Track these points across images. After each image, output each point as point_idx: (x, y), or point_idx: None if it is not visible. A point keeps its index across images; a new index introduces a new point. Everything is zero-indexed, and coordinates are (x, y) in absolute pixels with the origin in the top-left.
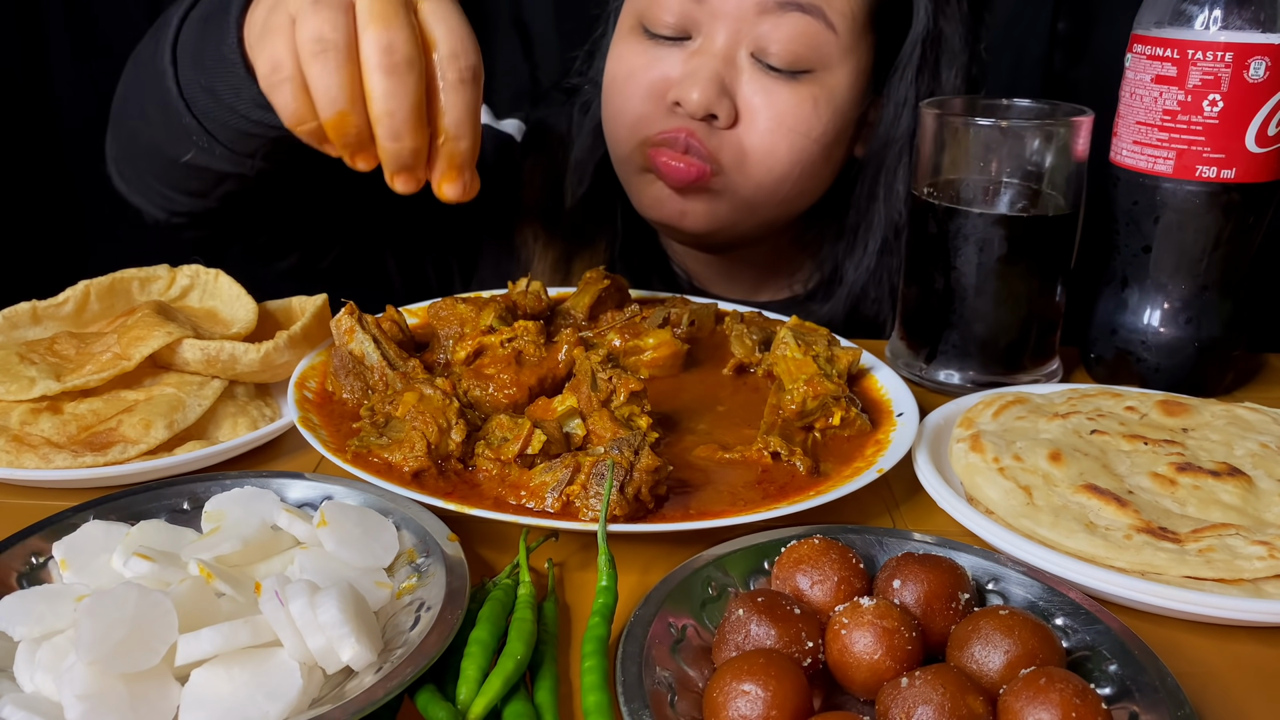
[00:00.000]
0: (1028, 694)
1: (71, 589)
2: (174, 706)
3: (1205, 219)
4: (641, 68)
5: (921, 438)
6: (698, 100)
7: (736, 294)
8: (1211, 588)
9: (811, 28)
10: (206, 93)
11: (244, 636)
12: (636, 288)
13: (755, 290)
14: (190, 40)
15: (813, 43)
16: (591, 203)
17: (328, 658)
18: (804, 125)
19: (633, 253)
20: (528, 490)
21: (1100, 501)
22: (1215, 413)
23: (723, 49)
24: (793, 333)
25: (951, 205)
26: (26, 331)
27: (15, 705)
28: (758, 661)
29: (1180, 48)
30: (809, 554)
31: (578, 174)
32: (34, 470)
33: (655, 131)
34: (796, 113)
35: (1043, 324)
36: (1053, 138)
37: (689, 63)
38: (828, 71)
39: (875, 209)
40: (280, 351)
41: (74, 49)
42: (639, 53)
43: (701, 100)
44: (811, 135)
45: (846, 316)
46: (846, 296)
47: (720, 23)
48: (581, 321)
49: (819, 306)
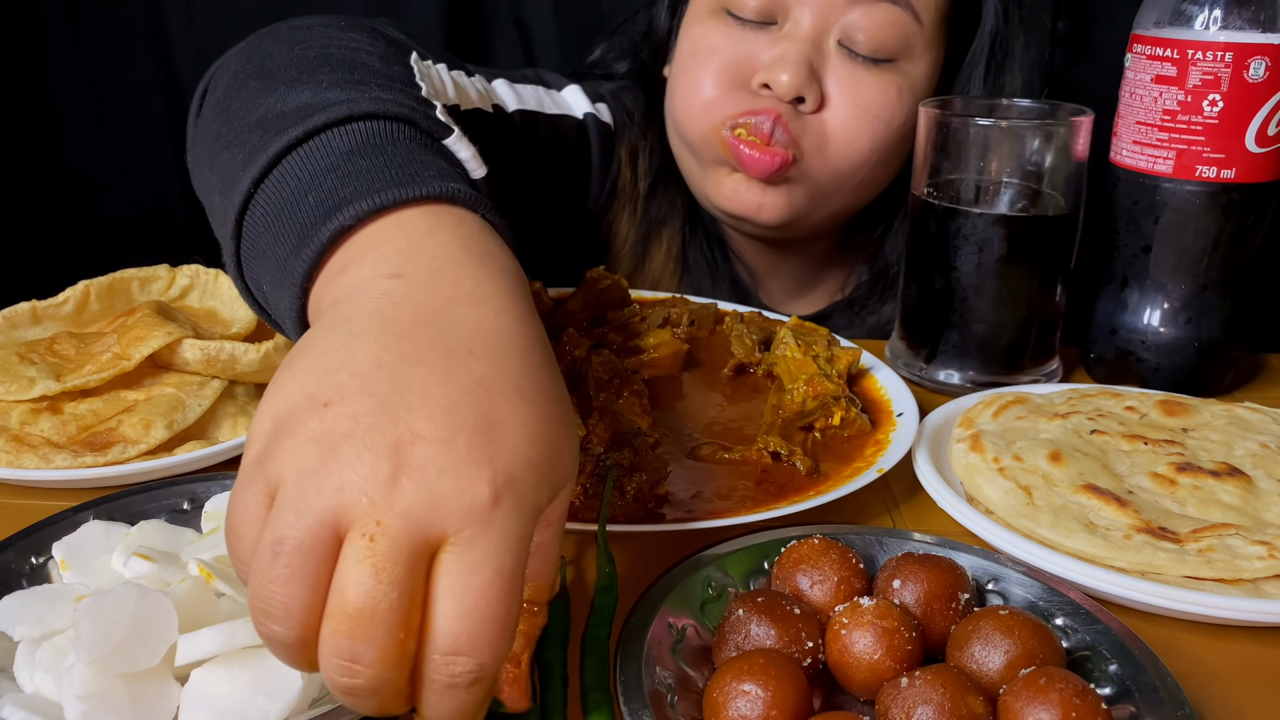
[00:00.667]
0: (1028, 694)
1: (71, 589)
2: (174, 706)
3: (1205, 219)
4: (725, 47)
5: (921, 438)
6: (789, 82)
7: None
8: (1211, 588)
9: (900, 18)
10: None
11: (244, 636)
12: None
13: (808, 285)
14: (251, 250)
15: (900, 33)
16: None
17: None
18: (887, 113)
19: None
20: None
21: (1100, 501)
22: (1215, 413)
23: (811, 34)
24: (792, 333)
25: (951, 205)
26: (26, 331)
27: (15, 705)
28: (758, 661)
29: (1180, 48)
30: (809, 554)
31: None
32: (34, 470)
33: (738, 111)
34: (881, 99)
35: (1043, 324)
36: (1053, 138)
37: (777, 46)
38: (910, 62)
39: None
40: (280, 351)
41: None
42: (721, 33)
43: (793, 82)
44: (894, 124)
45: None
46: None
47: (808, 8)
48: (582, 321)
49: (877, 305)
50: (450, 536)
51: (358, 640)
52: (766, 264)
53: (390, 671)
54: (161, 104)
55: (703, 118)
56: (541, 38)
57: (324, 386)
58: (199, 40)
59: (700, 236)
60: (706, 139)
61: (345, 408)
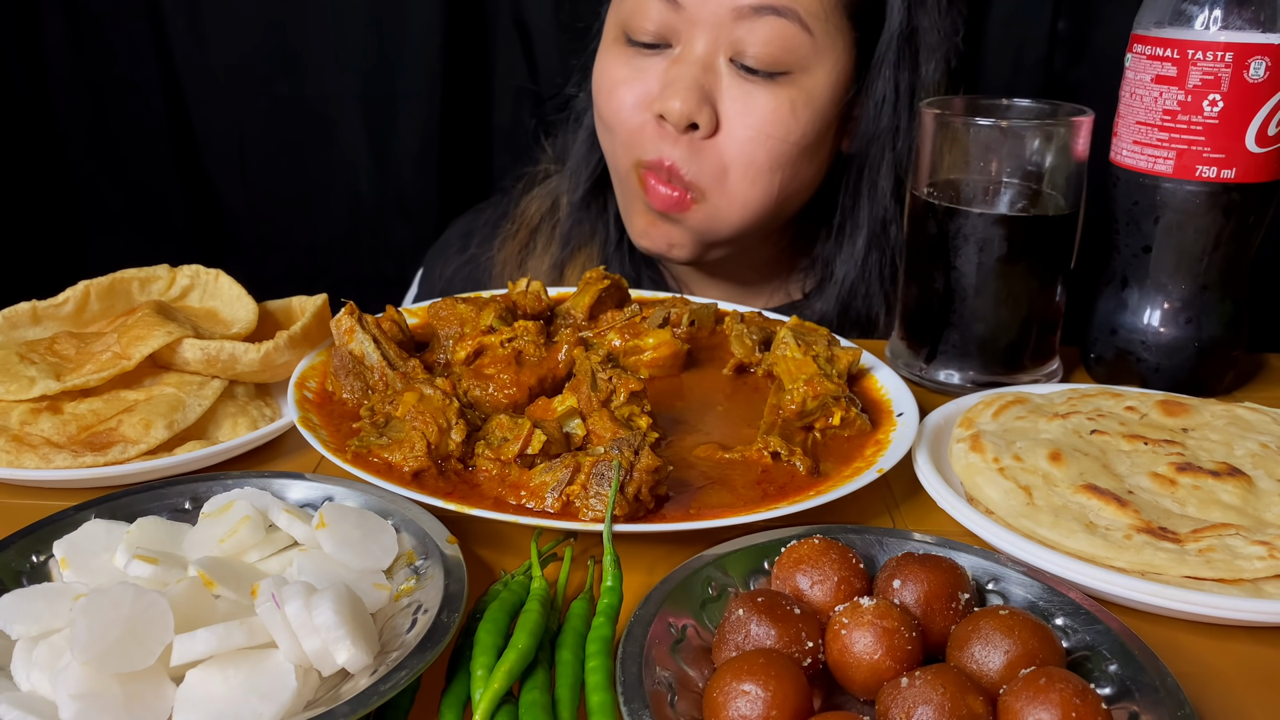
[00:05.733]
0: (1028, 694)
1: (70, 588)
2: (169, 707)
3: (1205, 219)
4: (625, 80)
5: (921, 438)
6: (679, 109)
7: (730, 296)
8: (1211, 588)
9: (787, 30)
10: None
11: (239, 638)
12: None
13: (751, 295)
14: None
15: (789, 44)
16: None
17: (323, 660)
18: (782, 130)
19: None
20: (528, 490)
21: (1100, 501)
22: (1215, 413)
23: (702, 55)
24: (793, 333)
25: (951, 205)
26: (26, 331)
27: (10, 704)
28: (758, 661)
29: (1180, 48)
30: (809, 554)
31: (573, 181)
32: (34, 470)
33: (646, 156)
34: (774, 118)
35: (1043, 324)
36: (1053, 138)
37: (669, 72)
38: (805, 73)
39: (861, 204)
40: (280, 351)
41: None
42: (622, 63)
43: (683, 109)
44: (790, 139)
45: (839, 314)
46: (838, 294)
47: (698, 29)
48: (581, 321)
49: (813, 304)
50: None
51: None
52: (696, 274)
53: None
54: (161, 104)
55: (623, 155)
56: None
57: None
58: (199, 40)
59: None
60: (627, 174)
61: None
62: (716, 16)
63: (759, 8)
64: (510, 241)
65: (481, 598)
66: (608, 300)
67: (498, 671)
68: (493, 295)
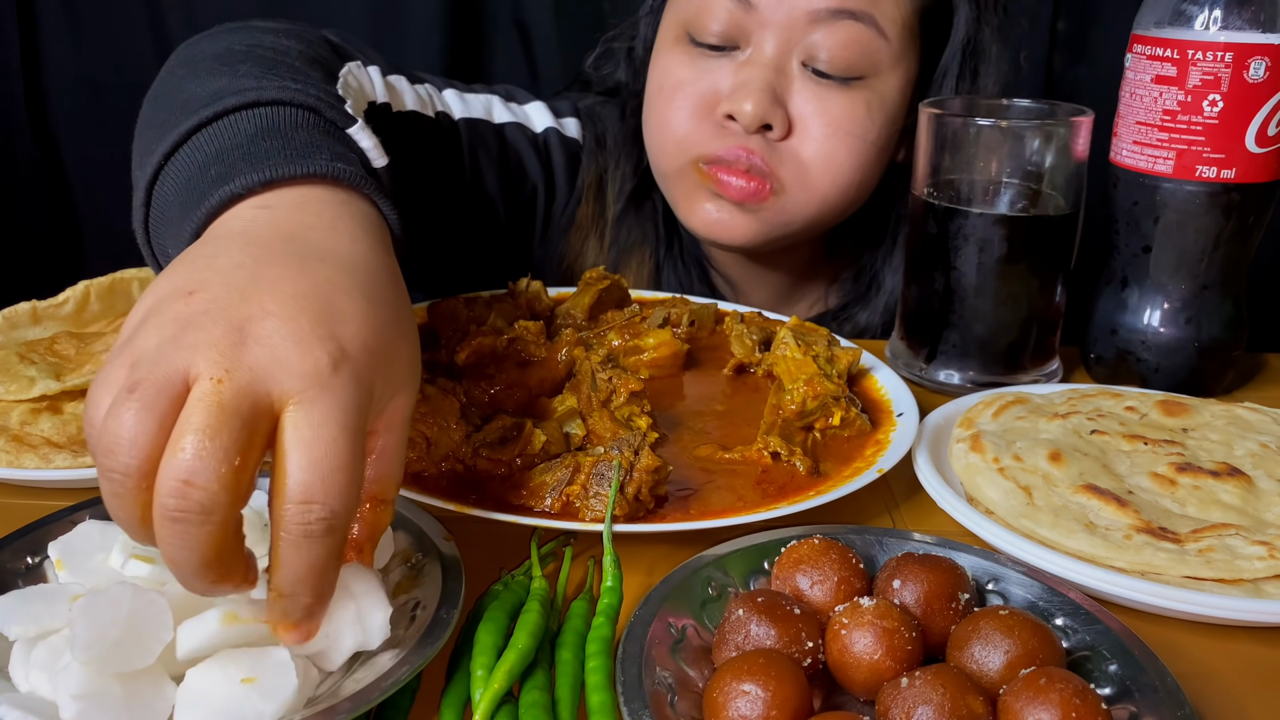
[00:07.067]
0: (1028, 694)
1: (67, 588)
2: (169, 706)
3: (1205, 219)
4: (690, 79)
5: (921, 438)
6: (751, 111)
7: (773, 299)
8: (1211, 588)
9: (864, 35)
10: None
11: (245, 611)
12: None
13: (793, 301)
14: (158, 218)
15: (865, 50)
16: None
17: (323, 656)
18: (860, 129)
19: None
20: (527, 490)
21: (1100, 501)
22: (1215, 413)
23: (773, 58)
24: (792, 333)
25: (951, 205)
26: (26, 331)
27: (10, 705)
28: (758, 661)
29: (1180, 48)
30: (809, 554)
31: (618, 183)
32: (34, 470)
33: (711, 151)
34: (851, 117)
35: (1043, 324)
36: (1053, 138)
37: (740, 73)
38: (879, 78)
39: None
40: None
41: (74, 48)
42: (685, 64)
43: (756, 111)
44: (868, 139)
45: (882, 326)
46: (885, 303)
47: (770, 31)
48: (581, 321)
49: (855, 314)
50: (293, 396)
51: (197, 459)
52: (747, 276)
53: (224, 495)
54: None
55: (676, 154)
56: (541, 38)
57: (190, 280)
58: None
59: (677, 256)
60: (682, 171)
61: (206, 293)
62: (790, 18)
63: (836, 11)
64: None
65: (481, 598)
66: (608, 300)
67: (498, 671)
68: (493, 295)
